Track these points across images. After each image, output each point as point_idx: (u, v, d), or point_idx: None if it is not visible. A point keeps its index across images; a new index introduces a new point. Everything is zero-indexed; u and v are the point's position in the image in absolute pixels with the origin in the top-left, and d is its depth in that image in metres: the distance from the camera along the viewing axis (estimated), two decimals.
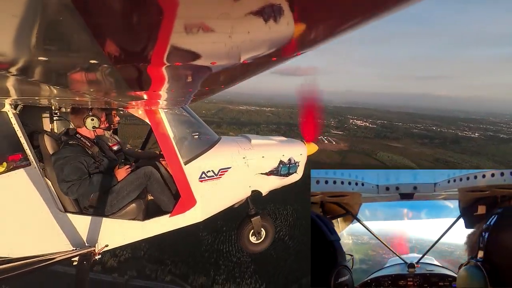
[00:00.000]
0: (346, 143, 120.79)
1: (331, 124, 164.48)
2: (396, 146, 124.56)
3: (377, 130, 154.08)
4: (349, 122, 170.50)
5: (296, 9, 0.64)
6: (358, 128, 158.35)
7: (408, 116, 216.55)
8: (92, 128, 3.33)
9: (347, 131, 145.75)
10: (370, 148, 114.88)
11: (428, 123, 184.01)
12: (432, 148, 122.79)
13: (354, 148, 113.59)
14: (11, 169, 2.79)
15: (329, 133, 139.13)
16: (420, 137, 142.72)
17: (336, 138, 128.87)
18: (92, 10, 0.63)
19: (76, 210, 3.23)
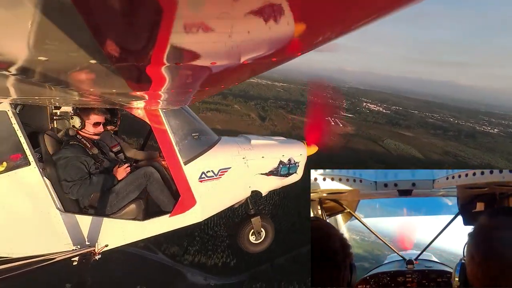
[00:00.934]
0: (353, 126, 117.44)
1: (342, 105, 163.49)
2: (406, 134, 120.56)
3: (390, 116, 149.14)
4: (362, 105, 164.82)
5: (296, 9, 0.64)
6: (370, 112, 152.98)
7: (426, 104, 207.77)
8: (78, 127, 3.32)
9: (358, 115, 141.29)
10: (377, 134, 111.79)
11: (446, 114, 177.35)
12: (444, 140, 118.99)
13: (360, 133, 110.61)
14: (11, 169, 2.79)
15: (338, 114, 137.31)
16: (434, 128, 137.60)
17: (345, 120, 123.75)
18: (92, 9, 0.63)
19: (76, 210, 3.22)
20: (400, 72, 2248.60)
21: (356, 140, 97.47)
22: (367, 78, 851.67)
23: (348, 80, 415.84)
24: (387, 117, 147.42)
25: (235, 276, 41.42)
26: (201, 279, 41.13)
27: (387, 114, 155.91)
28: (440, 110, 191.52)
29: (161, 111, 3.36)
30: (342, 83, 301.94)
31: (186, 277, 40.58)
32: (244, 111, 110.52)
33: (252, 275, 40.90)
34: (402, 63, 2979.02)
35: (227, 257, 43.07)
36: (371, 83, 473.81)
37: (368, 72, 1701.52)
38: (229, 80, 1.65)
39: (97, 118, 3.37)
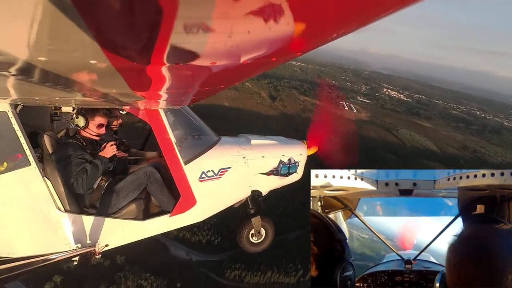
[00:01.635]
0: (368, 113, 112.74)
1: (360, 90, 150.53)
2: (424, 125, 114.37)
3: (410, 105, 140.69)
4: (382, 91, 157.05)
5: (296, 9, 0.64)
6: (390, 99, 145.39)
7: (453, 95, 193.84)
8: (82, 127, 3.32)
9: (375, 101, 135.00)
10: (393, 122, 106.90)
11: (473, 106, 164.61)
12: (464, 134, 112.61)
13: (374, 120, 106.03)
14: (11, 169, 2.79)
15: (354, 99, 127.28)
16: (456, 120, 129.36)
17: (360, 106, 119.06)
18: (92, 9, 0.63)
19: (76, 210, 3.23)
20: (429, 58, 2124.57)
21: (368, 127, 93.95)
22: (392, 62, 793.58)
23: (371, 63, 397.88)
24: (407, 105, 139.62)
25: (217, 254, 42.10)
26: (183, 254, 41.79)
27: (407, 102, 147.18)
28: (468, 101, 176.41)
29: (161, 111, 3.36)
30: (364, 66, 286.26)
31: (170, 250, 41.23)
32: (255, 89, 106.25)
33: (233, 255, 41.15)
34: (433, 48, 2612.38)
35: (212, 235, 43.52)
36: (396, 68, 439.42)
37: (394, 55, 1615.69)
38: (229, 80, 1.65)
39: (102, 120, 3.38)
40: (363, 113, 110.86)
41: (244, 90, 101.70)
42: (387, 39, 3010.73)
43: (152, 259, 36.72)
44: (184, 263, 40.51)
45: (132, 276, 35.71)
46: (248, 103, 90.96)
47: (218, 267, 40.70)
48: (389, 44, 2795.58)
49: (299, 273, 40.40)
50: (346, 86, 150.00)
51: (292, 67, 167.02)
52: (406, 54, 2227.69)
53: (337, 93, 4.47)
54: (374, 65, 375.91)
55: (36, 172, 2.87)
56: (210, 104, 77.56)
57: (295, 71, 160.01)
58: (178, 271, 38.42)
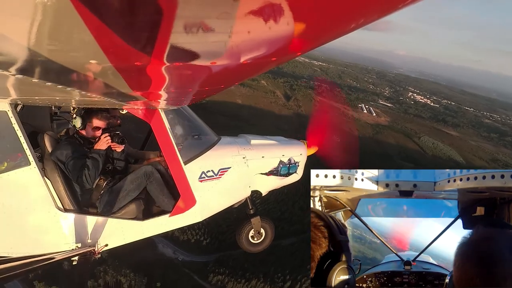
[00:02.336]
0: (388, 117, 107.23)
1: (383, 92, 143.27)
2: (450, 133, 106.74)
3: (437, 111, 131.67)
4: (406, 95, 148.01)
5: (296, 9, 0.64)
6: (415, 104, 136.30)
7: (487, 102, 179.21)
8: (79, 128, 3.31)
9: (398, 105, 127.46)
10: (415, 129, 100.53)
11: (510, 115, 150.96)
12: (497, 146, 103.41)
13: (394, 125, 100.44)
14: (11, 168, 2.79)
15: (375, 102, 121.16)
16: (489, 130, 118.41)
17: (380, 109, 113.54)
18: (92, 10, 0.63)
19: (75, 210, 3.22)
20: (463, 61, 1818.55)
21: (386, 133, 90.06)
22: (422, 65, 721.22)
23: (398, 65, 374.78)
24: (433, 111, 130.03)
25: (204, 255, 41.20)
26: (170, 252, 41.08)
27: (434, 108, 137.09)
28: (504, 110, 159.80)
29: (161, 111, 3.36)
30: (390, 68, 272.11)
31: (157, 247, 40.47)
32: (270, 88, 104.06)
33: (220, 258, 40.27)
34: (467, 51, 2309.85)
35: (202, 235, 42.73)
36: (424, 71, 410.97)
37: (423, 58, 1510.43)
38: (229, 80, 1.65)
39: (98, 123, 3.35)
40: (383, 117, 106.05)
41: (259, 88, 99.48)
42: (416, 41, 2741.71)
43: (138, 254, 35.93)
44: (169, 262, 39.70)
45: (112, 272, 35.00)
46: (261, 102, 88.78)
47: (203, 269, 39.70)
48: (419, 46, 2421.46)
49: (286, 284, 37.95)
50: (368, 88, 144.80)
51: (312, 66, 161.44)
52: (436, 57, 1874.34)
53: (336, 91, 4.39)
54: (401, 67, 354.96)
55: (36, 172, 2.87)
56: (222, 101, 74.91)
57: (315, 71, 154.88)
58: (162, 270, 37.63)
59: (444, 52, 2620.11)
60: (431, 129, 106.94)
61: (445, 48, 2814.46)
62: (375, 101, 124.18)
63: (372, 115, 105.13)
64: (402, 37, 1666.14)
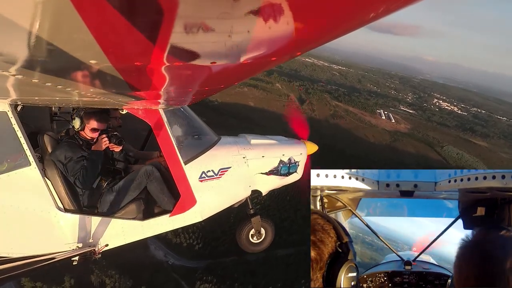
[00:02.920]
0: (409, 124, 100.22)
1: (405, 98, 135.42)
2: (478, 144, 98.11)
3: (465, 120, 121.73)
4: (431, 101, 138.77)
5: (296, 8, 0.64)
6: (440, 111, 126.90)
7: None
8: (77, 129, 3.31)
9: (421, 112, 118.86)
10: (438, 137, 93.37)
11: None
12: None
13: (415, 133, 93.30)
14: (11, 169, 2.79)
15: (396, 108, 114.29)
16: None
17: (400, 116, 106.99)
18: (92, 10, 0.63)
19: (76, 210, 3.23)
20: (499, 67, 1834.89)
21: (406, 141, 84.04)
22: (451, 71, 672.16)
23: (425, 71, 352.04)
24: (460, 119, 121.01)
25: (194, 261, 39.70)
26: (161, 254, 39.52)
27: (461, 116, 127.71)
28: None
29: (161, 111, 3.36)
30: (415, 73, 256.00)
31: (149, 248, 38.87)
32: (284, 91, 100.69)
33: (210, 265, 38.64)
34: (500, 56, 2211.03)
35: (195, 239, 41.08)
36: (454, 77, 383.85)
37: (454, 64, 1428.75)
38: (229, 80, 1.65)
39: (96, 125, 3.33)
40: (402, 124, 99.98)
41: (273, 91, 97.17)
42: (447, 46, 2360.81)
43: (128, 255, 34.13)
44: (159, 265, 38.06)
45: (97, 272, 33.43)
46: (274, 105, 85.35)
47: (191, 275, 37.78)
48: (448, 51, 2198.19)
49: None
50: (389, 94, 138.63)
51: (331, 70, 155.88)
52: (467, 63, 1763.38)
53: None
54: (428, 73, 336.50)
55: (36, 172, 2.87)
56: (234, 103, 73.49)
57: (333, 74, 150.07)
58: (150, 273, 36.13)
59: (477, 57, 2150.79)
60: (457, 139, 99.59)
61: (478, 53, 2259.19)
62: (395, 107, 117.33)
63: (391, 121, 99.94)
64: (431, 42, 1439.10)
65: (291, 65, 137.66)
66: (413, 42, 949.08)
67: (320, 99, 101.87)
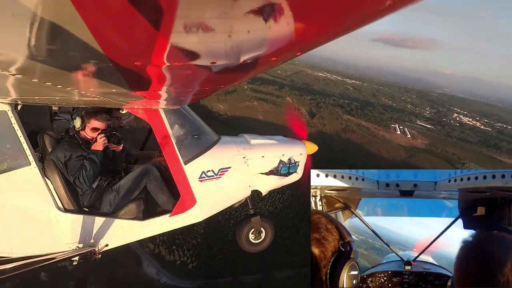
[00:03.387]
0: (426, 140, 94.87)
1: (423, 113, 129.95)
2: (504, 161, 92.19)
3: (488, 135, 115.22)
4: (451, 116, 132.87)
5: (296, 8, 0.64)
6: (461, 126, 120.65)
7: None
8: (78, 128, 3.31)
9: (440, 127, 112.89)
10: (458, 154, 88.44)
11: None
12: None
13: (433, 149, 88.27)
14: (11, 168, 2.79)
15: (412, 123, 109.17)
16: None
17: (417, 131, 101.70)
18: (92, 10, 0.63)
19: (76, 210, 3.23)
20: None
21: (422, 156, 79.45)
22: (471, 85, 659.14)
23: (443, 85, 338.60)
24: (484, 135, 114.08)
25: (187, 280, 37.26)
26: (153, 272, 37.33)
27: (485, 131, 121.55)
28: None
29: (161, 111, 3.35)
30: (433, 87, 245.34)
31: (142, 265, 36.94)
32: (295, 105, 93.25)
33: (202, 285, 36.24)
34: None
35: (190, 257, 38.69)
36: (474, 91, 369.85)
37: (473, 77, 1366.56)
38: (229, 80, 1.65)
39: (97, 124, 3.34)
40: (419, 139, 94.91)
41: (283, 104, 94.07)
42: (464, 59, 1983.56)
43: (119, 271, 32.60)
44: (149, 283, 35.91)
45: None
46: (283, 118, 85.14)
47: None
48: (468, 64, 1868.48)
49: None
50: (406, 108, 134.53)
51: (345, 84, 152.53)
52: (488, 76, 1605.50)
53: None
54: (446, 87, 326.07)
55: (36, 172, 2.87)
56: (243, 117, 72.77)
57: (347, 89, 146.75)
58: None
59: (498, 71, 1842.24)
60: (479, 155, 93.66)
61: (500, 66, 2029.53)
62: (412, 121, 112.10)
63: (406, 136, 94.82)
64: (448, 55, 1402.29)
65: (304, 79, 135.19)
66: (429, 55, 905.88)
67: (331, 113, 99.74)
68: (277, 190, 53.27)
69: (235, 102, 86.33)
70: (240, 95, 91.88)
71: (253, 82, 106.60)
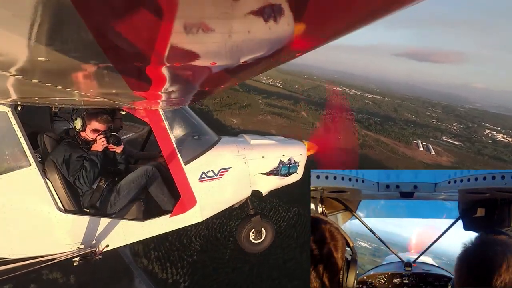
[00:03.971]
0: (453, 157, 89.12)
1: (449, 129, 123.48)
2: None
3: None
4: (482, 132, 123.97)
5: (296, 9, 0.64)
6: (494, 143, 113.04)
7: None
8: (78, 129, 3.31)
9: (469, 143, 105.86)
10: None
11: None
12: None
13: (461, 167, 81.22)
14: (11, 169, 2.79)
15: (437, 139, 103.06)
16: None
17: (442, 147, 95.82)
18: (92, 9, 0.63)
19: (76, 210, 3.22)
20: None
21: None
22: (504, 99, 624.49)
23: (473, 100, 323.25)
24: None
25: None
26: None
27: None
28: None
29: (161, 111, 3.36)
30: (461, 102, 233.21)
31: (134, 281, 34.87)
32: (309, 119, 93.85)
33: None
34: None
35: (183, 275, 35.80)
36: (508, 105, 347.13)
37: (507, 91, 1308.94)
38: (229, 80, 1.65)
39: (97, 126, 3.33)
40: (445, 156, 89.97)
41: (298, 119, 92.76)
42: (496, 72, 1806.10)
43: (109, 287, 30.70)
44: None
45: None
46: (296, 132, 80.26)
47: None
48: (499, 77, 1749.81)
49: None
50: (430, 124, 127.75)
51: (364, 99, 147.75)
52: None
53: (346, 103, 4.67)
54: (476, 101, 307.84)
55: (36, 172, 2.87)
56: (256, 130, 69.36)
57: (366, 103, 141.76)
58: None
59: None
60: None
61: None
62: (437, 138, 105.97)
63: (430, 153, 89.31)
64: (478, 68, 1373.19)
65: (321, 94, 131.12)
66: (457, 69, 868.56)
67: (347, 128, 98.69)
68: (282, 208, 47.09)
69: (248, 116, 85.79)
70: (254, 109, 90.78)
71: (268, 96, 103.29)
